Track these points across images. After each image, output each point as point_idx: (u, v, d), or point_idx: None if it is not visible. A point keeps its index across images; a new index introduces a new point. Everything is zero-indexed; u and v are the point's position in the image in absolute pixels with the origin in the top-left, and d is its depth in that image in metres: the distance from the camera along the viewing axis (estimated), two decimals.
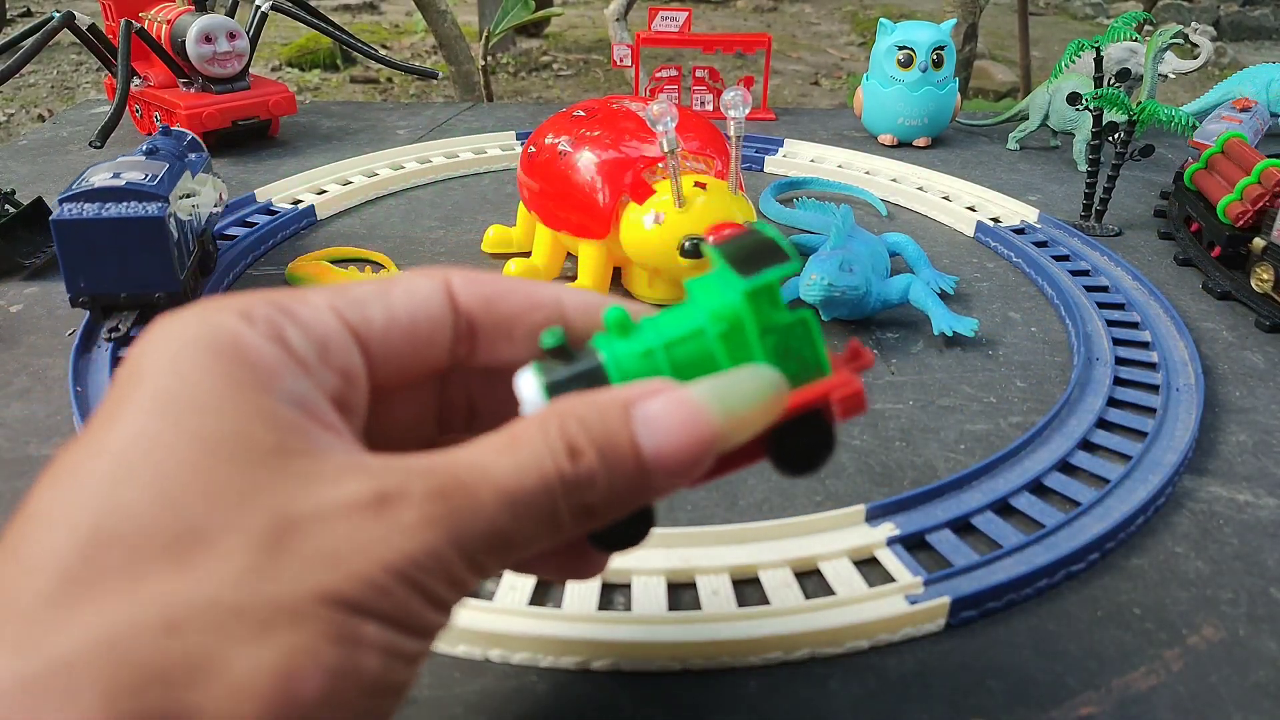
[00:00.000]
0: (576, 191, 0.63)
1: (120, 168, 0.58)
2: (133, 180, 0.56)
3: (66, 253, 0.56)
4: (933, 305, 0.62)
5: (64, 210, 0.55)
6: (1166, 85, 2.96)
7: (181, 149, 0.63)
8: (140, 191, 0.55)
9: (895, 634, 0.39)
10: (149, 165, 0.59)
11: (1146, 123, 0.77)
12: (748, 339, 0.27)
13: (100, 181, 0.56)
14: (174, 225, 0.57)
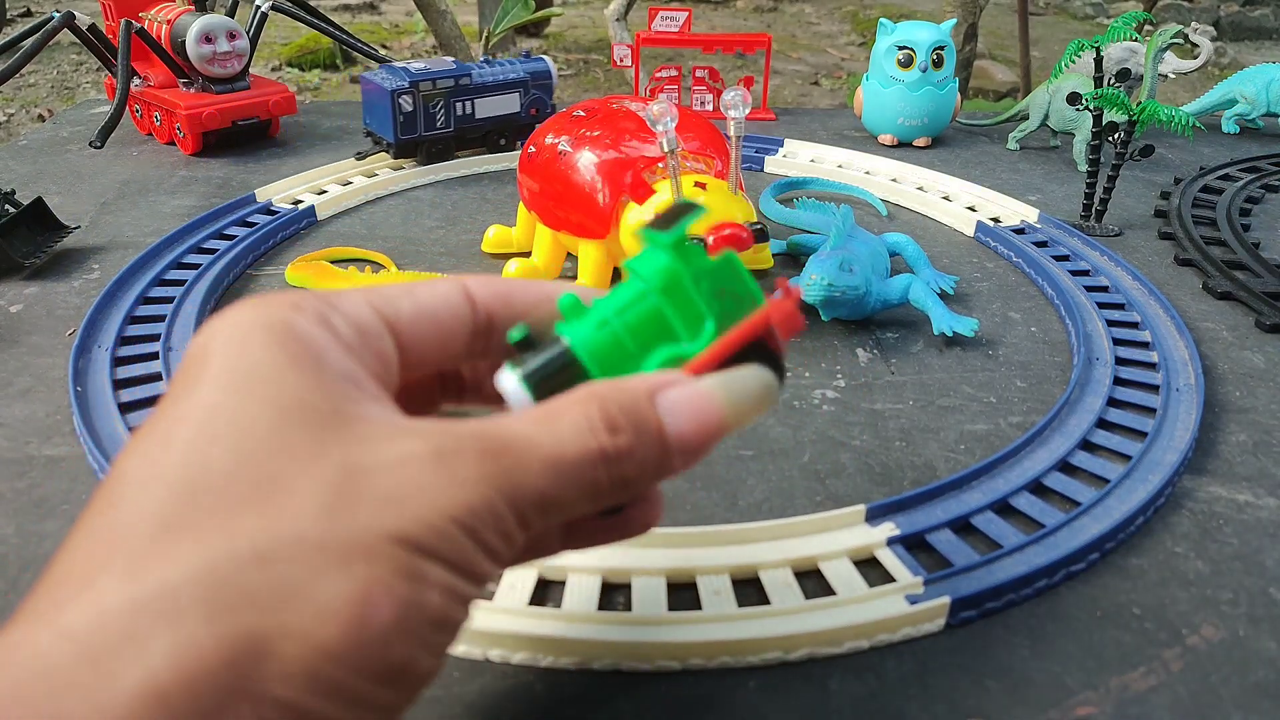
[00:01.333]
0: (576, 191, 0.63)
1: (436, 64, 0.88)
2: (414, 69, 0.85)
3: (365, 102, 0.89)
4: (933, 305, 0.62)
5: (369, 75, 0.87)
6: (1166, 85, 2.96)
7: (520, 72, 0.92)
8: (404, 75, 0.85)
9: (895, 634, 0.39)
10: (446, 63, 0.88)
11: (1146, 123, 0.77)
12: (685, 288, 0.29)
13: (408, 65, 0.87)
14: (409, 101, 0.85)
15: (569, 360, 0.29)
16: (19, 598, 0.40)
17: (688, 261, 0.30)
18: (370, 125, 0.89)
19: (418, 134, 0.87)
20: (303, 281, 0.68)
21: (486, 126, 0.91)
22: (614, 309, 0.30)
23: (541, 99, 0.92)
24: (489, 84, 0.89)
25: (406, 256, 0.74)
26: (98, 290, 0.66)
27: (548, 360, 0.29)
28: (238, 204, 0.79)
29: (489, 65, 0.90)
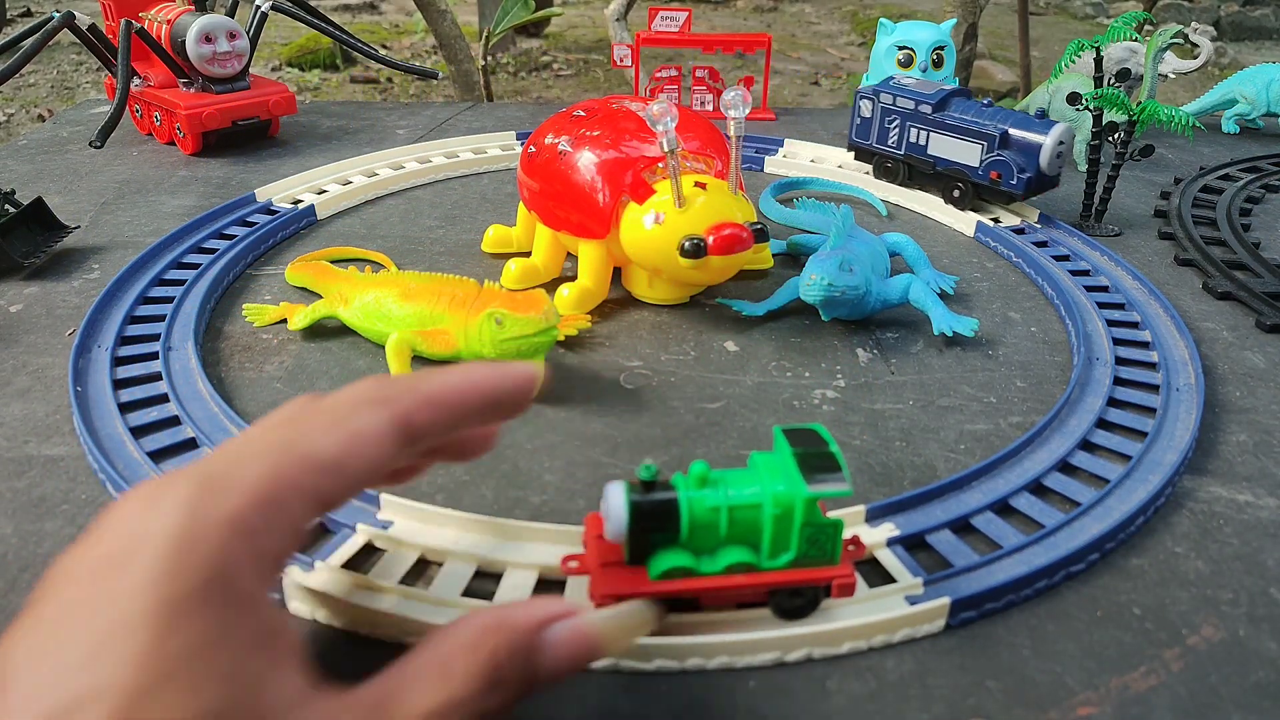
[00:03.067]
0: (576, 191, 0.63)
1: (923, 84, 0.85)
2: (897, 81, 0.86)
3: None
4: (933, 305, 0.62)
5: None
6: (1166, 85, 2.96)
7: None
8: (886, 83, 0.86)
9: (895, 635, 0.39)
10: (931, 85, 0.85)
11: (1146, 123, 0.77)
12: (792, 526, 0.36)
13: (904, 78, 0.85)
14: (868, 106, 0.85)
15: (673, 514, 0.35)
16: (18, 598, 0.40)
17: (808, 511, 0.35)
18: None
19: (869, 142, 0.86)
20: (303, 281, 0.68)
21: (937, 166, 0.83)
22: (729, 501, 0.36)
23: (1009, 166, 0.76)
24: (949, 122, 0.80)
25: (406, 256, 0.74)
26: (98, 290, 0.66)
27: (658, 504, 0.35)
28: (238, 204, 0.79)
29: (976, 104, 0.80)
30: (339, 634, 0.39)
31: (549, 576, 0.42)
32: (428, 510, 0.44)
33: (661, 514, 0.35)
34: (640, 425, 0.54)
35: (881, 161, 0.88)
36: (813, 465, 0.36)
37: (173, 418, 0.52)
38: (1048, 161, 0.76)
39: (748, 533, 0.37)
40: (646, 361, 0.60)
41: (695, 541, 0.36)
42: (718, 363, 0.60)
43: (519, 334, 0.52)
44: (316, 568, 0.41)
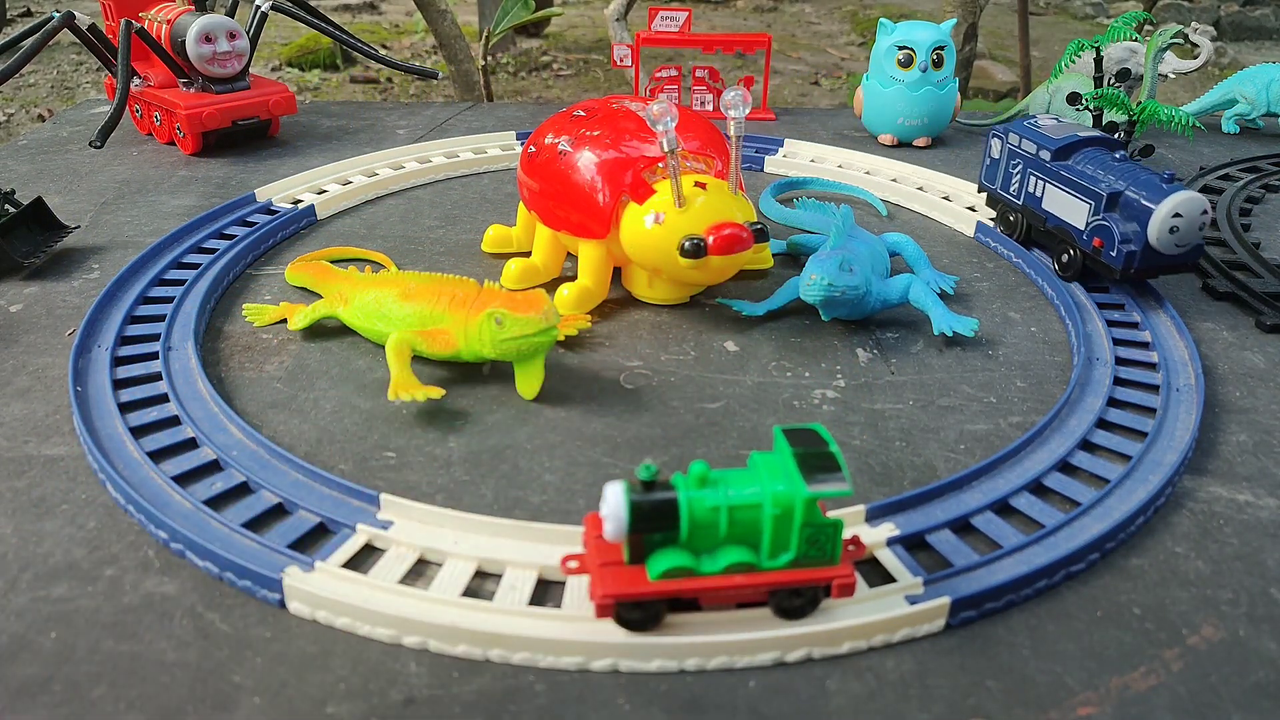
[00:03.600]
0: (576, 191, 0.63)
1: (1072, 126, 0.73)
2: (1042, 122, 0.74)
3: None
4: (933, 305, 0.62)
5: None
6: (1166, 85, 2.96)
7: None
8: (1025, 123, 0.75)
9: (895, 635, 0.39)
10: (1076, 128, 0.74)
11: (1146, 123, 0.77)
12: (792, 526, 0.36)
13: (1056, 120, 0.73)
14: (997, 147, 0.76)
15: (672, 513, 0.36)
16: (18, 597, 0.40)
17: (808, 511, 0.36)
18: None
19: (995, 186, 0.76)
20: (303, 281, 0.68)
21: (1048, 223, 0.71)
22: (729, 501, 0.36)
23: (1112, 233, 0.64)
24: (1064, 173, 0.69)
25: (406, 256, 0.74)
26: (98, 290, 0.66)
27: (658, 504, 0.36)
28: (238, 204, 0.79)
29: (1107, 155, 0.70)
30: (339, 634, 0.39)
31: (549, 577, 0.42)
32: (428, 510, 0.44)
33: (661, 514, 0.36)
34: (640, 425, 0.54)
35: (1004, 211, 0.77)
36: (813, 465, 0.36)
37: (173, 418, 0.52)
38: (1158, 236, 0.62)
39: (748, 533, 0.37)
40: (646, 361, 0.60)
41: (695, 541, 0.37)
42: (718, 363, 0.60)
43: (519, 334, 0.52)
44: (316, 568, 0.41)
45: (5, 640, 0.38)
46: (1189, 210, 0.62)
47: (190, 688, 0.36)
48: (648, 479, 0.36)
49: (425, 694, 0.36)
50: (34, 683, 0.36)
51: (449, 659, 0.38)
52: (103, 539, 0.44)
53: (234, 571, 0.41)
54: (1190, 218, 0.62)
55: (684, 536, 0.36)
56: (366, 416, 0.54)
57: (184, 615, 0.40)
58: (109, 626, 0.39)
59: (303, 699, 0.36)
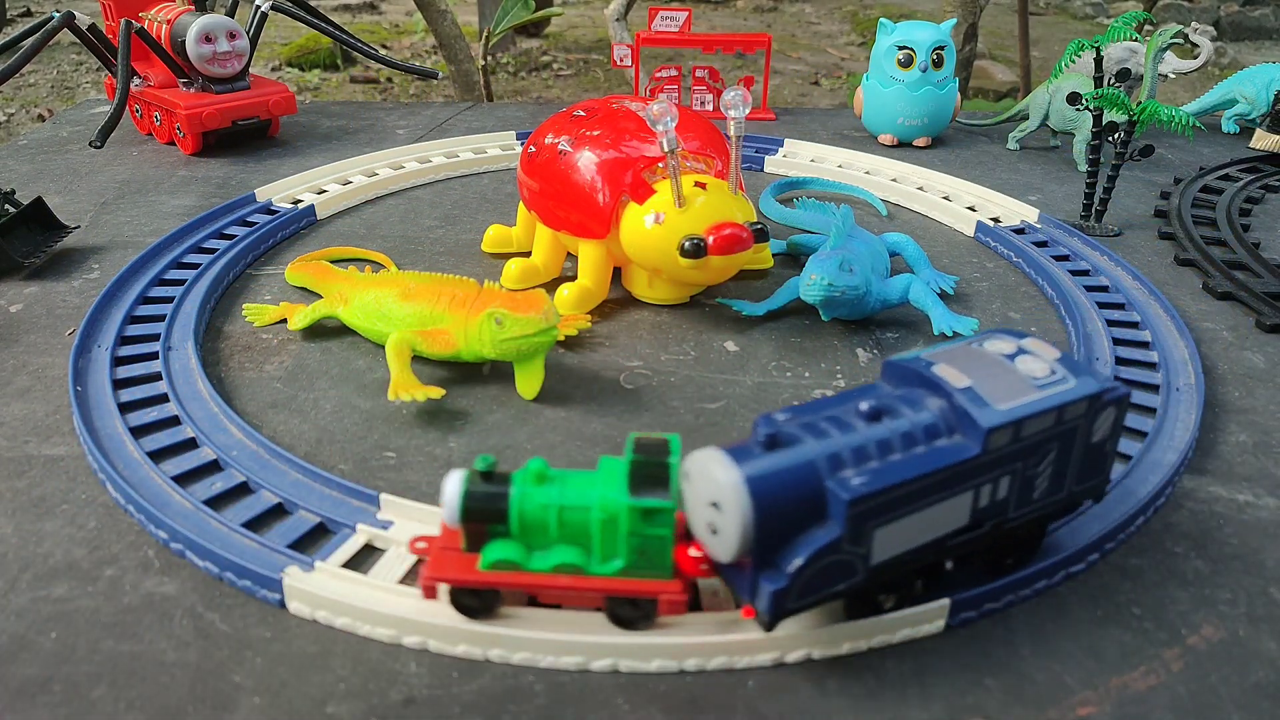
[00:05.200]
0: (576, 191, 0.63)
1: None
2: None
3: None
4: (933, 305, 0.62)
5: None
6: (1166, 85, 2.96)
7: None
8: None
9: (895, 635, 0.39)
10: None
11: (1147, 123, 0.77)
12: (618, 533, 0.36)
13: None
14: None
15: (503, 509, 0.37)
16: (18, 597, 0.40)
17: (633, 522, 0.36)
18: None
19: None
20: (303, 281, 0.68)
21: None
22: (561, 501, 0.36)
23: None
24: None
25: (406, 256, 0.74)
26: (98, 290, 0.66)
27: (489, 495, 0.37)
28: (237, 203, 0.79)
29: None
30: (339, 634, 0.39)
31: None
32: (428, 510, 0.44)
33: (491, 507, 0.37)
34: (640, 425, 0.53)
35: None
36: (642, 476, 0.36)
37: (173, 418, 0.52)
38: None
39: (579, 535, 0.37)
40: (646, 361, 0.60)
41: (528, 537, 0.37)
42: (718, 363, 0.60)
43: (519, 334, 0.52)
44: (316, 568, 0.41)
45: (5, 640, 0.38)
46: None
47: (190, 688, 0.36)
48: (484, 470, 0.37)
49: (425, 694, 0.36)
50: (34, 683, 0.36)
51: (449, 659, 0.38)
52: (103, 539, 0.44)
53: (234, 571, 0.41)
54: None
55: (514, 531, 0.37)
56: (366, 416, 0.54)
57: (184, 615, 0.40)
58: (109, 626, 0.39)
59: (303, 699, 0.36)
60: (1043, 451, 0.37)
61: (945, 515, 0.36)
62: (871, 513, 0.34)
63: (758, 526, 0.33)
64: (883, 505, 0.34)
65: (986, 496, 0.37)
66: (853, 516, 0.34)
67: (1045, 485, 0.38)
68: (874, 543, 0.35)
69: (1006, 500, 0.38)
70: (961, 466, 0.35)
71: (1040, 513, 0.39)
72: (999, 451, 0.36)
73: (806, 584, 0.34)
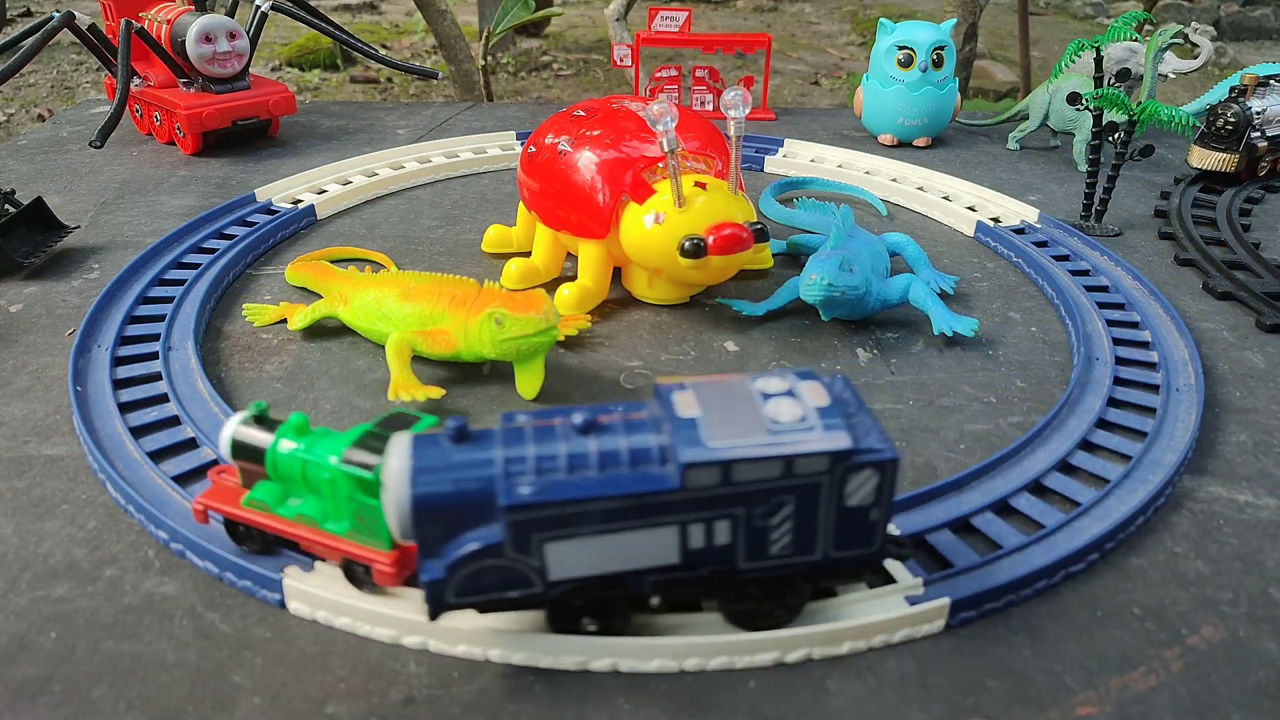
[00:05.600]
0: (576, 191, 0.63)
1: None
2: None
3: None
4: (933, 305, 0.62)
5: None
6: (1166, 85, 2.96)
7: None
8: None
9: (895, 635, 0.39)
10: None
11: (1147, 123, 0.77)
12: (340, 494, 0.38)
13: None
14: None
15: (261, 452, 0.39)
16: (18, 597, 0.40)
17: (350, 487, 0.37)
18: None
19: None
20: (303, 281, 0.68)
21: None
22: (309, 456, 0.38)
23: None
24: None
25: (406, 256, 0.74)
26: (98, 290, 0.66)
27: (254, 441, 0.40)
28: (237, 203, 0.79)
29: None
30: (339, 634, 0.39)
31: None
32: None
33: (253, 448, 0.40)
34: None
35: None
36: (360, 444, 0.38)
37: (173, 418, 0.52)
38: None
39: (320, 491, 0.39)
40: (646, 361, 0.60)
41: (287, 485, 0.40)
42: (718, 363, 0.60)
43: (519, 334, 0.52)
44: (316, 568, 0.41)
45: (5, 640, 0.38)
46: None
47: (190, 688, 0.36)
48: (256, 414, 0.40)
49: (425, 694, 0.36)
50: (34, 683, 0.36)
51: (449, 659, 0.38)
52: (103, 539, 0.44)
53: (234, 571, 0.41)
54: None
55: (270, 474, 0.39)
56: (366, 416, 0.54)
57: (184, 615, 0.40)
58: (109, 626, 0.39)
59: (303, 699, 0.36)
60: (773, 503, 0.34)
61: (644, 547, 0.35)
62: (537, 524, 0.33)
63: (414, 515, 0.33)
64: (552, 519, 0.33)
65: (700, 538, 0.35)
66: (513, 524, 0.33)
67: (786, 541, 0.35)
68: (547, 557, 0.34)
69: (731, 548, 0.35)
70: (655, 498, 0.33)
71: (787, 570, 0.36)
72: (704, 491, 0.33)
73: (468, 582, 0.34)
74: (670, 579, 0.36)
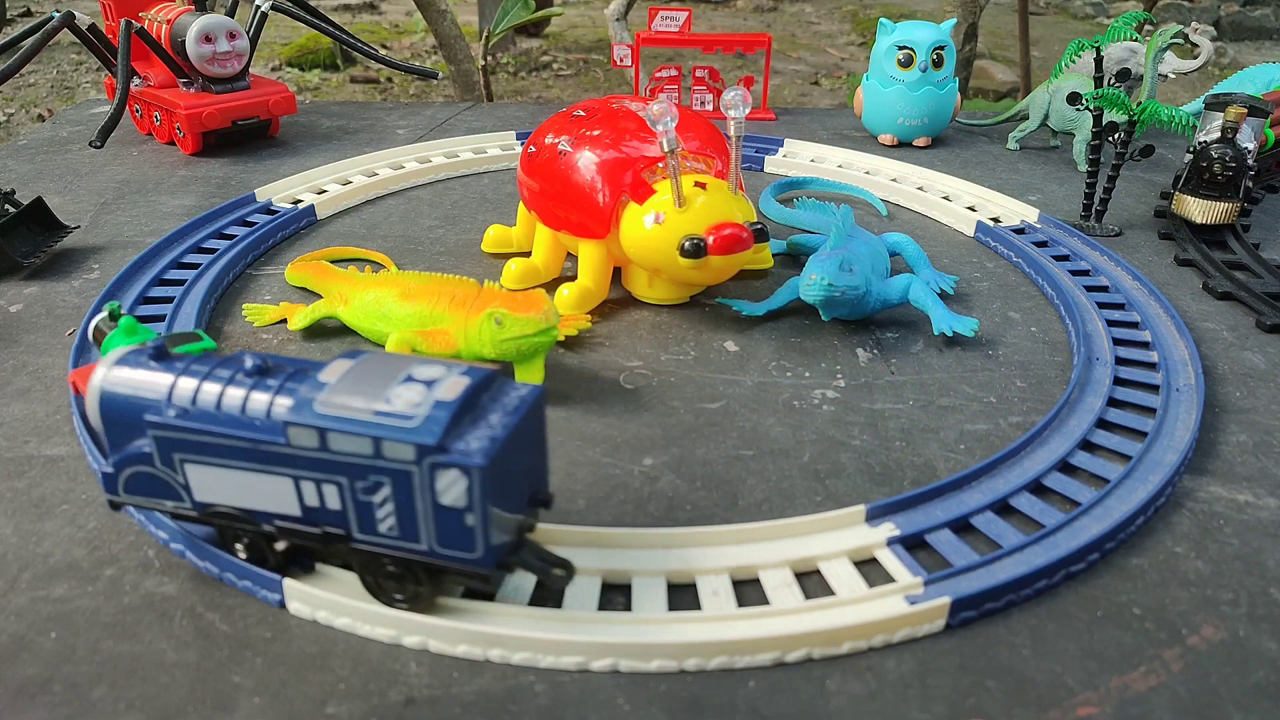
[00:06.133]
0: (576, 191, 0.63)
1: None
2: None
3: None
4: (933, 305, 0.62)
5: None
6: (1166, 85, 2.96)
7: None
8: None
9: (895, 634, 0.39)
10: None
11: (1147, 123, 0.77)
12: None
13: None
14: None
15: (101, 341, 0.51)
16: (18, 597, 0.40)
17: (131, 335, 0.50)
18: None
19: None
20: (303, 281, 0.68)
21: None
22: (107, 344, 0.50)
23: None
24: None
25: (406, 256, 0.74)
26: (98, 290, 0.66)
27: (98, 329, 0.53)
28: (237, 203, 0.79)
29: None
30: (339, 634, 0.39)
31: None
32: None
33: (99, 337, 0.52)
34: (640, 425, 0.54)
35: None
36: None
37: None
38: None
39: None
40: (646, 361, 0.60)
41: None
42: (718, 363, 0.60)
43: (519, 334, 0.52)
44: (316, 568, 0.41)
45: (5, 640, 0.38)
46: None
47: (190, 688, 0.36)
48: (110, 312, 0.52)
49: (425, 694, 0.36)
50: (34, 683, 0.36)
51: (449, 659, 0.38)
52: (103, 539, 0.44)
53: (234, 572, 0.41)
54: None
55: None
56: None
57: (184, 615, 0.40)
58: (109, 626, 0.39)
59: (303, 699, 0.36)
60: (371, 481, 0.36)
61: (268, 492, 0.38)
62: (175, 444, 0.37)
63: (100, 410, 0.39)
64: (188, 443, 0.37)
65: (313, 497, 0.37)
66: (154, 438, 0.38)
67: (393, 524, 0.37)
68: (189, 477, 0.38)
69: (343, 515, 0.37)
70: (268, 447, 0.36)
71: (401, 553, 0.37)
72: (309, 452, 0.36)
73: (132, 481, 0.39)
74: (294, 529, 0.39)
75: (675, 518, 0.46)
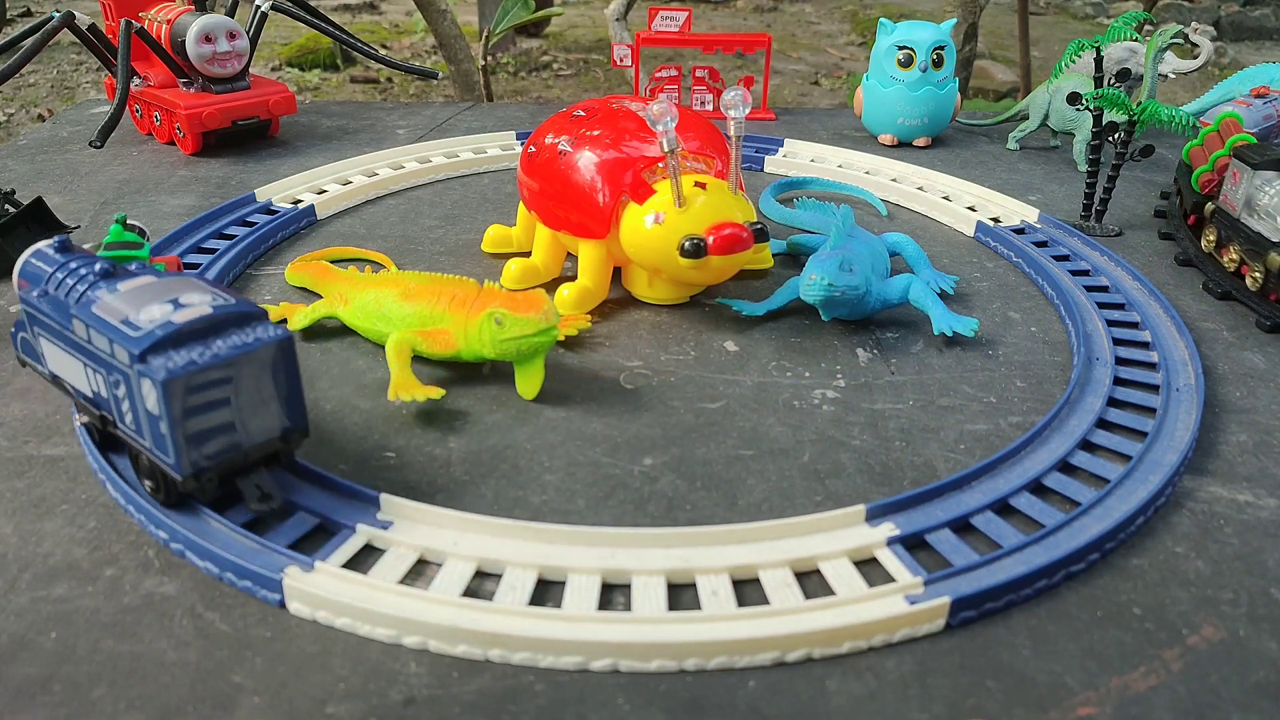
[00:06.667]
0: (576, 191, 0.63)
1: None
2: None
3: None
4: (932, 305, 0.62)
5: None
6: (1166, 85, 2.96)
7: None
8: None
9: (895, 634, 0.39)
10: None
11: (1147, 123, 0.77)
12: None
13: None
14: None
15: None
16: (18, 597, 0.40)
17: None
18: None
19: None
20: (303, 281, 0.68)
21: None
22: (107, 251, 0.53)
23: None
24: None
25: (406, 256, 0.74)
26: None
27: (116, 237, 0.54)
28: (238, 203, 0.79)
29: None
30: (339, 634, 0.39)
31: (549, 577, 0.42)
32: (428, 510, 0.44)
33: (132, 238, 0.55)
34: (640, 425, 0.54)
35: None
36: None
37: None
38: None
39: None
40: (646, 361, 0.60)
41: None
42: (718, 363, 0.60)
43: (519, 334, 0.52)
44: (316, 568, 0.41)
45: (5, 640, 0.38)
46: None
47: (190, 688, 0.36)
48: (119, 220, 0.53)
49: (425, 694, 0.36)
50: (34, 683, 0.36)
51: (449, 659, 0.38)
52: (103, 539, 0.44)
53: (234, 571, 0.41)
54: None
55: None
56: (366, 416, 0.54)
57: (184, 615, 0.40)
58: (109, 626, 0.39)
59: (303, 699, 0.36)
60: (114, 378, 0.41)
61: (76, 373, 0.44)
62: (31, 319, 0.45)
63: (15, 281, 0.46)
64: (34, 317, 0.45)
65: (96, 383, 0.43)
66: (23, 310, 0.45)
67: (132, 419, 0.42)
68: (43, 347, 0.45)
69: (110, 402, 0.43)
70: (64, 331, 0.43)
71: (140, 446, 0.42)
72: (82, 341, 0.42)
73: (24, 345, 0.47)
74: (92, 411, 0.45)
75: (675, 518, 0.46)
